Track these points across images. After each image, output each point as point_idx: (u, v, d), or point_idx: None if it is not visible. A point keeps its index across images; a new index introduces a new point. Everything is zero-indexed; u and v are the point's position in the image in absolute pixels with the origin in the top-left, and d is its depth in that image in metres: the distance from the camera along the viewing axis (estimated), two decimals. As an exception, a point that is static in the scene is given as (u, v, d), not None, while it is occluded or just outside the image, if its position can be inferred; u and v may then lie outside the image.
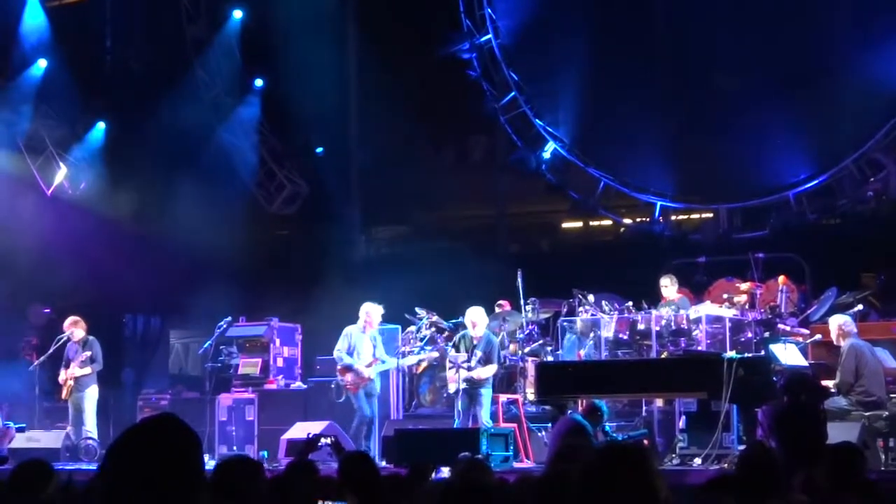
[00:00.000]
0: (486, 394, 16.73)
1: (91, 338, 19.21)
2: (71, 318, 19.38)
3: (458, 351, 17.01)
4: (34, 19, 23.55)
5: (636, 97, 22.43)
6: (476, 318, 17.07)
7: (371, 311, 17.84)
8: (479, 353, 16.71)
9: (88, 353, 18.91)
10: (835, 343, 15.25)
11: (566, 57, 23.08)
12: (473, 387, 16.68)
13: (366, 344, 17.72)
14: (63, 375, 18.97)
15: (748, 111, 21.66)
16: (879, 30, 20.63)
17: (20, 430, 18.19)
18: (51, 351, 19.66)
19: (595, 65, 22.63)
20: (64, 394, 18.94)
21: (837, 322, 15.30)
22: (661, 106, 22.27)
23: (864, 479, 7.64)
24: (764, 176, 22.10)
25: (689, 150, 22.26)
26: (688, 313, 17.01)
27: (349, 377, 17.56)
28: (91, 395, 18.85)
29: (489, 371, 16.69)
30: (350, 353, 17.60)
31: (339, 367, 17.73)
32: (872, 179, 21.02)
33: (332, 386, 18.08)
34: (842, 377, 14.68)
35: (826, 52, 20.92)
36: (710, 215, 23.00)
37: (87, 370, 18.89)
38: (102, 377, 19.22)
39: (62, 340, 19.33)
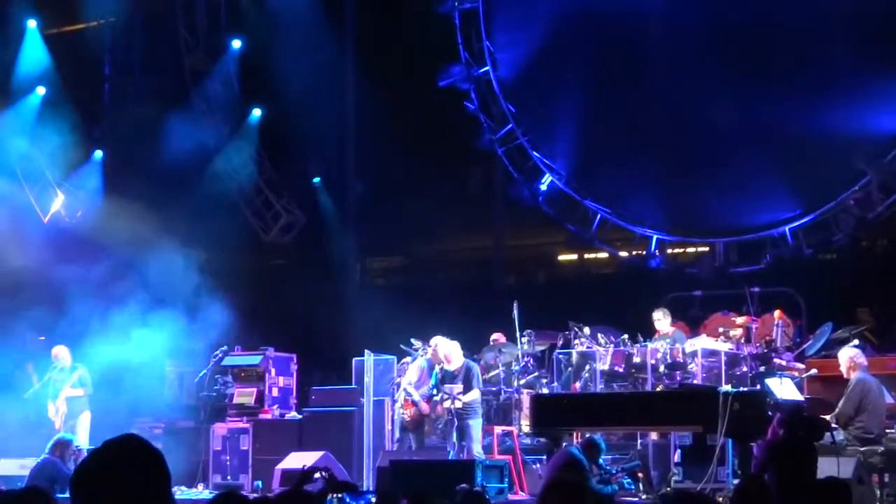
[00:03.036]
0: (475, 425, 16.69)
1: (78, 365, 19.28)
2: (56, 350, 19.41)
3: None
4: (33, 47, 23.60)
5: (633, 130, 22.53)
6: (449, 353, 17.04)
7: (438, 343, 17.61)
8: (460, 385, 16.69)
9: (79, 373, 18.93)
10: (845, 376, 15.12)
11: (564, 90, 23.19)
12: (461, 418, 16.65)
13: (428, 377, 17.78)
14: (51, 409, 19.00)
15: (744, 147, 21.71)
16: (872, 79, 20.74)
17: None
18: (45, 379, 19.60)
19: (592, 98, 22.71)
20: (57, 423, 18.90)
21: (848, 354, 15.17)
22: (657, 139, 22.34)
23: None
24: (760, 211, 22.16)
25: (685, 184, 22.32)
26: (683, 347, 17.02)
27: (412, 411, 17.59)
28: (84, 421, 18.84)
29: (471, 396, 16.64)
30: (417, 386, 17.65)
31: (406, 400, 17.72)
32: (856, 188, 21.07)
33: (396, 417, 18.03)
34: (842, 408, 14.58)
35: (822, 92, 20.98)
36: (707, 249, 23.03)
37: (80, 391, 18.89)
38: (97, 405, 19.17)
39: (56, 368, 19.32)
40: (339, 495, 8.68)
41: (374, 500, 8.27)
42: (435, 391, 17.30)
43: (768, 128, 21.54)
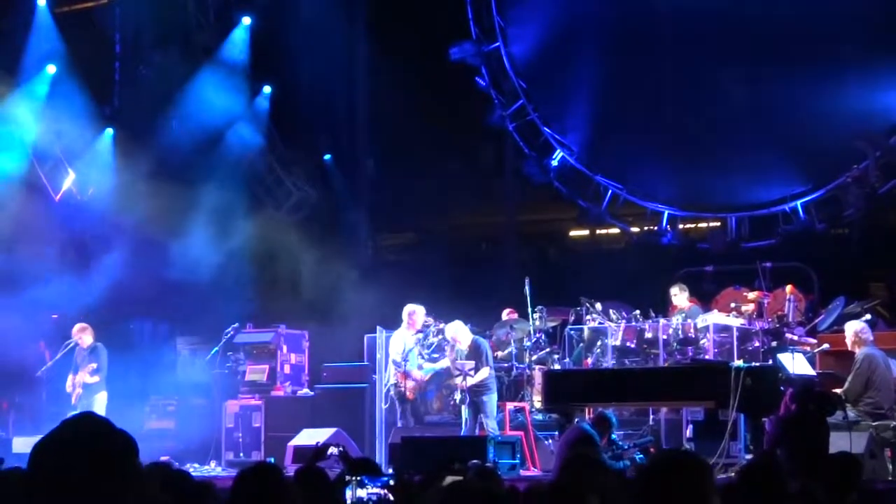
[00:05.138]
0: (489, 400, 16.72)
1: (99, 345, 19.20)
2: (79, 325, 19.37)
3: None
4: (44, 26, 23.58)
5: (644, 107, 22.48)
6: (456, 334, 17.05)
7: (416, 310, 17.78)
8: (472, 362, 16.72)
9: (95, 365, 18.91)
10: (850, 349, 15.13)
11: (576, 66, 23.14)
12: (475, 394, 16.69)
13: (413, 347, 17.79)
14: (70, 382, 18.98)
15: (755, 124, 21.68)
16: (880, 60, 20.71)
17: None
18: (57, 357, 19.64)
19: (604, 74, 22.70)
20: (73, 399, 18.94)
21: (854, 328, 15.16)
22: (668, 116, 22.30)
23: (863, 489, 7.64)
24: (771, 186, 22.15)
25: (696, 160, 22.29)
26: (695, 322, 17.02)
27: (410, 383, 17.61)
28: (100, 401, 18.84)
29: (482, 374, 16.66)
30: (405, 357, 17.65)
31: (398, 373, 17.71)
32: (855, 167, 21.04)
33: (392, 393, 18.00)
34: (851, 384, 14.56)
35: (831, 72, 20.93)
36: (718, 224, 23.00)
37: (96, 378, 18.90)
38: (110, 383, 19.19)
39: (69, 346, 19.33)
40: (358, 478, 8.66)
41: (392, 482, 8.25)
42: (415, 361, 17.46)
43: (778, 105, 21.51)
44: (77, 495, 3.24)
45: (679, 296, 18.15)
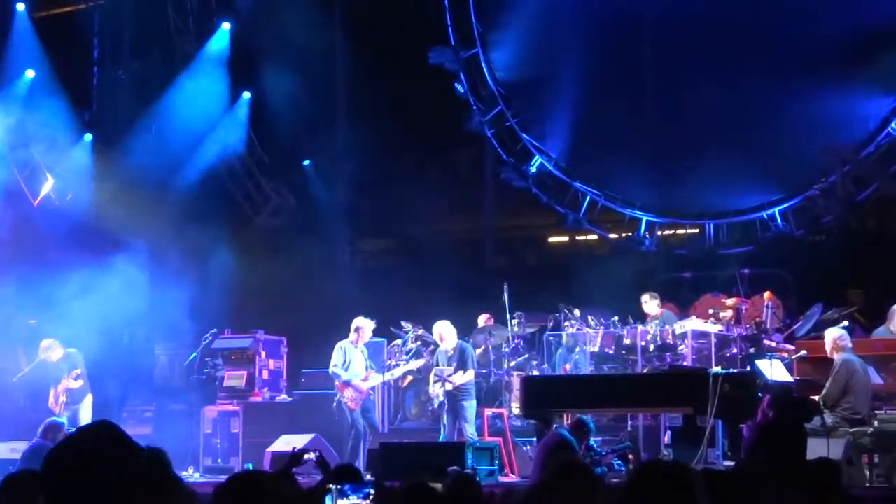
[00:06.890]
0: (469, 406, 16.73)
1: (71, 351, 19.01)
2: (43, 344, 19.11)
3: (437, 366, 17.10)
4: (22, 30, 23.50)
5: (623, 113, 22.53)
6: (443, 332, 17.09)
7: (363, 326, 17.76)
8: (454, 365, 16.73)
9: (78, 371, 18.78)
10: (828, 356, 15.17)
11: (554, 73, 23.18)
12: (455, 399, 16.68)
13: (358, 358, 17.68)
14: (52, 395, 18.83)
15: (734, 129, 21.73)
16: (854, 74, 20.80)
17: None
18: (34, 363, 19.51)
19: (583, 81, 22.70)
20: (58, 409, 18.80)
21: (833, 335, 15.21)
22: (647, 123, 22.34)
23: (843, 495, 7.65)
24: (749, 193, 22.20)
25: (675, 167, 22.32)
26: (673, 328, 17.05)
27: (349, 393, 17.51)
28: (87, 404, 18.74)
29: (466, 377, 16.68)
30: (345, 368, 17.56)
31: (337, 384, 17.65)
32: (823, 179, 21.14)
33: (334, 404, 17.93)
34: (829, 390, 14.61)
35: (808, 83, 21.02)
36: (696, 231, 23.05)
37: (80, 382, 18.79)
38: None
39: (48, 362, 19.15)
40: (339, 486, 8.60)
41: (372, 493, 8.20)
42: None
43: (757, 113, 21.60)
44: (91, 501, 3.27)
45: (650, 303, 18.19)
